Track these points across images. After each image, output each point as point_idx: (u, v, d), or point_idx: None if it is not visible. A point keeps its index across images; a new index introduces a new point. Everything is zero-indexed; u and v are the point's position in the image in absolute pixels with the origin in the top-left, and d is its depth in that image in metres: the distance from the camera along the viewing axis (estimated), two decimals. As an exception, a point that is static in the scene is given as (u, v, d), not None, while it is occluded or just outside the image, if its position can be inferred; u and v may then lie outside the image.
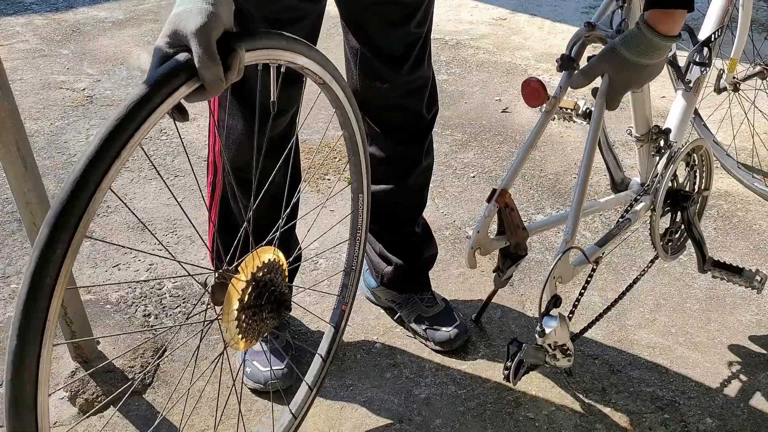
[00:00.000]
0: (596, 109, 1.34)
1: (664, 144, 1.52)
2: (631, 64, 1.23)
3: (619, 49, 1.23)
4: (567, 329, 1.27)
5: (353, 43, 1.49)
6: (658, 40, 1.20)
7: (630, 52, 1.22)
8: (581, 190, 1.31)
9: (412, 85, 1.53)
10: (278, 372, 1.59)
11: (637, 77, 1.26)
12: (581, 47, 1.38)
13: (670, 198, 1.54)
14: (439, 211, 2.22)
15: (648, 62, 1.22)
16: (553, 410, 1.56)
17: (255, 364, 1.61)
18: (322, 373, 1.48)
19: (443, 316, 1.73)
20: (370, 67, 1.49)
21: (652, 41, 1.20)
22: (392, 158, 1.62)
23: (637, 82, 1.28)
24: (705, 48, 1.56)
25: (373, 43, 1.47)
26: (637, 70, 1.24)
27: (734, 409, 1.56)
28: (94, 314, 1.81)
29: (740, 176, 2.28)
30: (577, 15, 3.77)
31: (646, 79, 1.27)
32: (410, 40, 1.47)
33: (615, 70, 1.26)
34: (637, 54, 1.22)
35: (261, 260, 1.12)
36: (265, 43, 0.98)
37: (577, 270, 1.35)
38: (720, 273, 1.63)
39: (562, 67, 1.37)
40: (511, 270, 1.44)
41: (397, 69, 1.49)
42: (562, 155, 2.52)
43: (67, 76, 3.10)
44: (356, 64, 1.51)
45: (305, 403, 1.46)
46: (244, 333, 1.12)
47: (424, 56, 1.52)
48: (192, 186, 2.34)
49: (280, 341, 1.64)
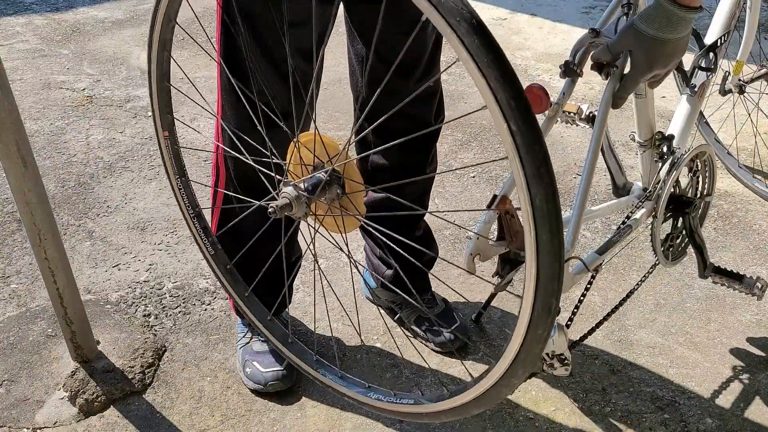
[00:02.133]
0: (600, 113, 1.33)
1: (667, 150, 1.51)
2: (650, 39, 1.16)
3: (637, 25, 1.17)
4: (565, 339, 1.27)
5: (359, 50, 1.47)
6: (678, 11, 1.12)
7: (649, 26, 1.15)
8: (582, 199, 1.30)
9: (421, 94, 1.49)
10: (279, 373, 1.59)
11: (660, 55, 1.18)
12: (585, 54, 1.37)
13: (671, 204, 1.54)
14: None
15: (669, 37, 1.15)
16: (553, 410, 1.56)
17: (255, 365, 1.61)
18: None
19: (443, 317, 1.73)
20: (376, 75, 1.46)
21: (671, 13, 1.12)
22: (396, 166, 1.61)
23: (660, 61, 1.20)
24: (711, 53, 1.55)
25: (380, 50, 1.43)
26: (659, 47, 1.17)
27: (734, 409, 1.56)
28: (94, 314, 1.81)
29: (741, 176, 2.28)
30: (577, 15, 3.77)
31: (669, 57, 1.19)
32: (421, 48, 1.44)
33: (636, 46, 1.19)
34: (656, 28, 1.14)
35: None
36: None
37: (576, 279, 1.34)
38: (720, 279, 1.63)
39: (566, 74, 1.36)
40: (512, 275, 1.44)
41: (405, 77, 1.46)
42: (562, 155, 2.52)
43: (67, 76, 3.10)
44: (362, 70, 1.49)
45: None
46: None
47: (433, 65, 1.49)
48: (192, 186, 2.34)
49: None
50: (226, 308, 1.85)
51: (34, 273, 1.96)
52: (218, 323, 1.80)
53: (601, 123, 1.34)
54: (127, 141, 2.62)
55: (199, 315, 1.83)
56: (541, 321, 0.93)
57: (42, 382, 1.62)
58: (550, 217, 0.87)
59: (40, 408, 1.57)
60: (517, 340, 0.97)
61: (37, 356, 1.69)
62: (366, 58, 1.47)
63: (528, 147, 0.85)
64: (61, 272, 1.52)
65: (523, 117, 0.84)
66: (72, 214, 2.22)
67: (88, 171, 2.44)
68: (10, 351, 1.71)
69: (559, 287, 0.91)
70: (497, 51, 0.83)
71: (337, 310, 1.84)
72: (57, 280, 1.52)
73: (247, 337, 1.68)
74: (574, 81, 1.38)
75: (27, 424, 1.54)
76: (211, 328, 1.79)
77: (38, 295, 1.89)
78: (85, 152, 2.55)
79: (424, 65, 1.47)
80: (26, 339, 1.75)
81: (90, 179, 2.39)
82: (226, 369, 1.67)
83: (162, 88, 1.26)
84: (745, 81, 2.09)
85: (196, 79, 3.05)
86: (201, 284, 1.93)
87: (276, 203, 1.06)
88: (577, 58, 1.36)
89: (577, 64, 1.36)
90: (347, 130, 2.16)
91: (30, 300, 1.88)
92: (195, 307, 1.85)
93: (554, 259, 0.89)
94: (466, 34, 0.82)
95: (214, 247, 1.45)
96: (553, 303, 0.92)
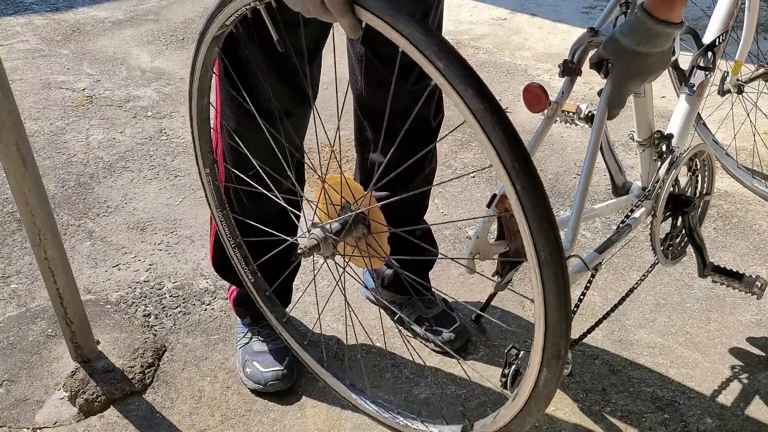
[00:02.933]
0: (599, 112, 1.33)
1: (666, 149, 1.51)
2: (630, 52, 1.18)
3: (618, 38, 1.19)
4: None
5: (359, 49, 1.47)
6: (657, 26, 1.15)
7: (628, 40, 1.17)
8: (581, 199, 1.30)
9: (419, 93, 1.50)
10: (278, 373, 1.59)
11: (640, 68, 1.21)
12: (583, 53, 1.37)
13: (671, 203, 1.54)
14: (439, 211, 2.22)
15: (648, 50, 1.17)
16: (553, 410, 1.56)
17: (255, 365, 1.61)
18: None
19: (443, 317, 1.73)
20: (375, 74, 1.47)
21: (650, 28, 1.15)
22: (396, 165, 1.61)
23: (641, 74, 1.23)
24: (709, 52, 1.55)
25: (380, 50, 1.44)
26: (639, 60, 1.19)
27: (734, 409, 1.56)
28: (94, 314, 1.81)
29: (740, 176, 2.28)
30: (577, 15, 3.77)
31: (649, 70, 1.22)
32: None
33: (616, 59, 1.21)
34: (636, 42, 1.17)
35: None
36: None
37: (575, 278, 1.34)
38: (720, 278, 1.63)
39: (565, 73, 1.37)
40: (511, 274, 1.44)
41: (403, 77, 1.46)
42: (562, 155, 2.52)
43: (67, 76, 3.10)
44: (362, 70, 1.49)
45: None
46: None
47: None
48: (192, 185, 2.34)
49: (280, 342, 1.64)
50: (226, 308, 1.85)
51: (34, 273, 1.96)
52: (218, 323, 1.80)
53: (600, 122, 1.34)
54: (127, 141, 2.62)
55: (199, 315, 1.83)
56: (552, 364, 0.98)
57: (42, 382, 1.63)
58: (555, 269, 0.90)
59: (40, 408, 1.57)
60: (529, 382, 1.03)
61: (37, 356, 1.69)
62: (365, 57, 1.47)
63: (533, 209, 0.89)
64: (61, 272, 1.52)
65: (527, 176, 0.87)
66: (72, 214, 2.22)
67: (88, 171, 2.44)
68: (10, 351, 1.71)
69: (568, 337, 0.95)
70: (501, 114, 0.86)
71: (337, 310, 1.84)
72: (57, 280, 1.52)
73: (246, 337, 1.68)
74: (573, 80, 1.39)
75: (27, 424, 1.54)
76: (211, 328, 1.79)
77: (38, 295, 1.89)
78: (85, 152, 2.55)
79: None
80: (26, 339, 1.75)
81: (90, 179, 2.39)
82: (226, 369, 1.67)
83: (203, 131, 1.33)
84: (744, 81, 2.08)
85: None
86: (201, 284, 1.93)
87: (305, 244, 1.13)
88: (575, 57, 1.37)
89: (576, 63, 1.36)
90: (347, 129, 2.15)
91: (30, 300, 1.88)
92: (195, 307, 1.85)
93: (562, 318, 0.93)
94: (473, 100, 0.86)
95: (254, 275, 1.48)
96: (561, 349, 0.96)
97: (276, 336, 1.64)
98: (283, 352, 1.63)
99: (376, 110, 1.53)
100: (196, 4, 3.87)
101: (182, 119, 2.75)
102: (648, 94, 1.48)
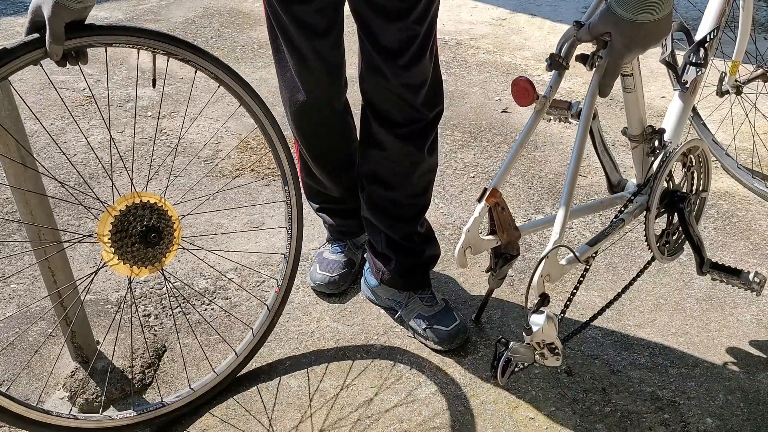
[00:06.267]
0: (586, 103, 1.34)
1: (658, 144, 1.51)
2: (626, 21, 1.18)
3: (613, 8, 1.19)
4: (555, 328, 1.26)
5: (359, 34, 1.53)
6: None
7: (623, 9, 1.18)
8: (570, 187, 1.30)
9: (410, 80, 1.53)
10: (326, 277, 1.87)
11: (636, 37, 1.20)
12: (571, 47, 1.37)
13: (665, 199, 1.54)
14: (439, 211, 2.22)
15: (643, 19, 1.17)
16: (553, 410, 1.56)
17: (316, 266, 1.90)
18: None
19: (443, 316, 1.73)
20: (370, 59, 1.52)
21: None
22: (393, 155, 1.63)
23: (638, 44, 1.22)
24: (701, 48, 1.56)
25: (373, 36, 1.50)
26: (635, 29, 1.19)
27: (734, 409, 1.56)
28: (94, 314, 1.81)
29: (740, 176, 2.28)
30: (577, 15, 3.77)
31: (646, 40, 1.21)
32: (409, 35, 1.48)
33: (613, 28, 1.21)
34: (630, 10, 1.17)
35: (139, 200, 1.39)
36: (102, 31, 1.39)
37: (566, 269, 1.34)
38: (718, 275, 1.63)
39: (552, 67, 1.37)
40: (505, 270, 1.44)
41: (393, 62, 1.50)
42: (562, 155, 2.52)
43: (67, 76, 3.10)
44: (360, 54, 1.55)
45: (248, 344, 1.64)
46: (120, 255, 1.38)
47: (424, 53, 1.52)
48: (192, 185, 2.34)
49: (344, 256, 1.93)
50: (226, 308, 1.85)
51: (34, 273, 1.96)
52: (218, 323, 1.81)
53: (587, 114, 1.34)
54: (127, 141, 2.62)
55: (199, 315, 1.83)
56: None
57: (42, 382, 1.62)
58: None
59: (40, 408, 1.57)
60: None
61: (37, 356, 1.69)
62: (359, 40, 1.54)
63: None
64: (61, 272, 1.52)
65: None
66: (72, 214, 2.22)
67: (88, 171, 2.44)
68: (10, 351, 1.71)
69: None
70: None
71: (337, 310, 1.84)
72: (57, 280, 1.52)
73: (324, 246, 1.98)
74: (561, 74, 1.39)
75: (27, 424, 1.54)
76: (211, 328, 1.79)
77: (38, 295, 1.89)
78: (85, 152, 2.55)
79: (412, 53, 1.50)
80: (26, 339, 1.75)
81: (90, 179, 2.39)
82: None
83: None
84: (742, 82, 2.08)
85: (197, 78, 3.04)
86: (201, 284, 1.94)
87: None
88: (563, 51, 1.37)
89: (563, 57, 1.37)
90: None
91: (30, 300, 1.88)
92: (195, 307, 1.85)
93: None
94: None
95: None
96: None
97: (342, 251, 1.94)
98: (343, 265, 1.90)
99: (372, 95, 1.59)
100: (196, 4, 3.88)
101: (182, 119, 2.75)
102: (638, 88, 1.49)
